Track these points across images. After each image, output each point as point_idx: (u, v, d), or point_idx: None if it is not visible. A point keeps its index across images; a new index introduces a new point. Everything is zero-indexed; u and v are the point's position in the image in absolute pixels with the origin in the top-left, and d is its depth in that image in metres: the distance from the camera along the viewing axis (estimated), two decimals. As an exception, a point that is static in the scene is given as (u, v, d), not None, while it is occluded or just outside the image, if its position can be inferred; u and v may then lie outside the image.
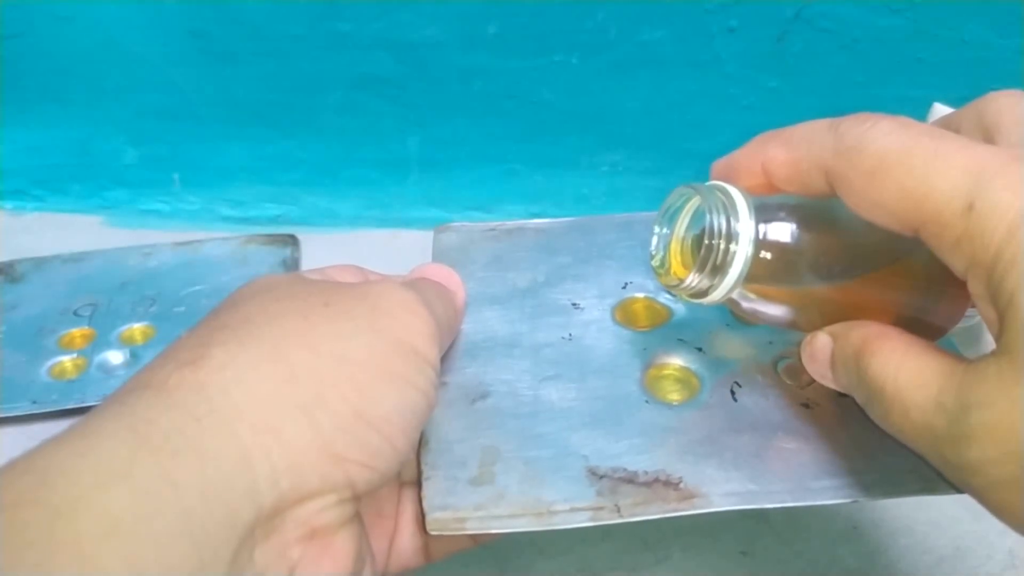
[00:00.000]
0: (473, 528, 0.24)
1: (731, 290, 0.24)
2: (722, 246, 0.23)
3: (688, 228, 0.26)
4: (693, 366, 0.30)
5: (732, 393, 0.28)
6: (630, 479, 0.25)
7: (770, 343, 0.30)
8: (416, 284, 0.27)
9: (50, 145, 0.52)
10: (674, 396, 0.28)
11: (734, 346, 0.30)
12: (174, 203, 0.54)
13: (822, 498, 0.24)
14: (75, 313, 0.44)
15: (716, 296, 0.24)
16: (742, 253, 0.23)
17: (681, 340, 0.30)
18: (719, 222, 0.23)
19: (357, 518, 0.22)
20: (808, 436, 0.26)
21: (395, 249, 0.53)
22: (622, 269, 0.34)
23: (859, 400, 0.23)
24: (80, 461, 0.18)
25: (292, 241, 0.50)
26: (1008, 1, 0.43)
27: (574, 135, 0.50)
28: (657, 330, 0.31)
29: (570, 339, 0.31)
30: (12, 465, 0.18)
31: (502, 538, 0.27)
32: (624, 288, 0.33)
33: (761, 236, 0.23)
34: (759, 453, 0.26)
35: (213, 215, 0.54)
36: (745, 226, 0.23)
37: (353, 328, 0.23)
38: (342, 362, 0.22)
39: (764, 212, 0.23)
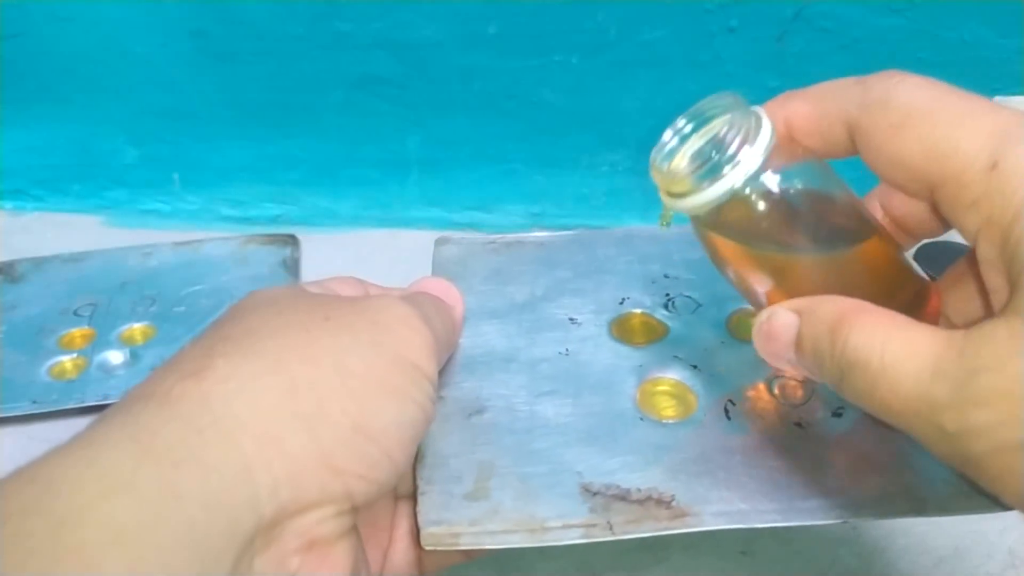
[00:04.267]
0: (467, 544, 0.24)
1: (706, 205, 0.23)
2: (722, 159, 0.23)
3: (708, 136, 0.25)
4: (688, 383, 0.30)
5: (726, 411, 0.28)
6: (623, 496, 0.25)
7: (761, 362, 0.30)
8: (415, 298, 0.27)
9: (50, 145, 0.52)
10: (668, 413, 0.29)
11: (729, 364, 0.30)
12: (174, 203, 0.54)
13: (812, 518, 0.24)
14: (75, 313, 0.44)
15: (692, 202, 0.24)
16: (739, 174, 0.22)
17: (676, 357, 0.30)
18: (733, 139, 0.23)
19: (355, 530, 0.22)
20: (800, 455, 0.26)
21: (395, 249, 0.53)
22: (620, 284, 0.34)
23: (829, 378, 0.22)
24: (84, 471, 0.18)
25: (292, 241, 0.50)
26: (1008, 1, 0.43)
27: (574, 135, 0.50)
28: (653, 346, 0.31)
29: (567, 354, 0.31)
30: (17, 474, 0.18)
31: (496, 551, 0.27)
32: (621, 303, 0.33)
33: (761, 173, 0.23)
34: (751, 472, 0.26)
35: (213, 215, 0.54)
36: (752, 156, 0.22)
37: (353, 342, 0.23)
38: (342, 375, 0.22)
39: (776, 161, 0.23)
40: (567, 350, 0.31)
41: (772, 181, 0.23)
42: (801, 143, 0.24)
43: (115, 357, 0.42)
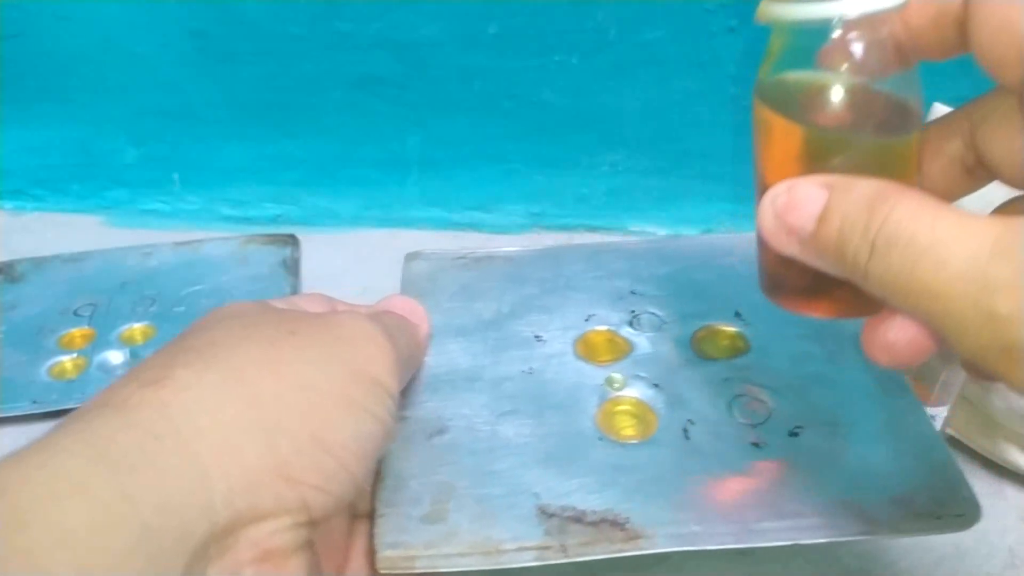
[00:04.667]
0: (422, 567, 0.24)
1: (786, 18, 0.23)
2: None
3: None
4: (649, 402, 0.30)
5: (685, 431, 0.28)
6: (578, 518, 0.25)
7: (726, 380, 0.30)
8: (380, 317, 0.28)
9: (50, 145, 0.52)
10: (628, 432, 0.29)
11: (691, 383, 0.30)
12: (174, 203, 0.54)
13: (764, 540, 0.25)
14: (75, 313, 0.44)
15: (776, 10, 0.23)
16: (832, 9, 0.22)
17: (639, 376, 0.30)
18: None
19: (311, 545, 0.22)
20: (756, 476, 0.27)
21: (395, 249, 0.52)
22: (587, 301, 0.34)
23: (851, 259, 0.20)
24: (34, 474, 0.18)
25: (292, 241, 0.50)
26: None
27: (574, 135, 0.50)
28: (617, 364, 0.31)
29: (531, 373, 0.31)
30: None
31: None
32: (587, 320, 0.33)
33: (853, 29, 0.22)
34: (707, 493, 0.26)
35: (213, 215, 0.54)
36: (857, 5, 0.22)
37: (317, 356, 0.23)
38: (304, 388, 0.22)
39: (876, 36, 0.22)
40: (531, 368, 0.31)
41: (857, 46, 0.22)
42: (912, 28, 0.23)
43: (115, 357, 0.42)
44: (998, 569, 0.35)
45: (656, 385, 0.30)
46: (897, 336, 0.21)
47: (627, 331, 0.32)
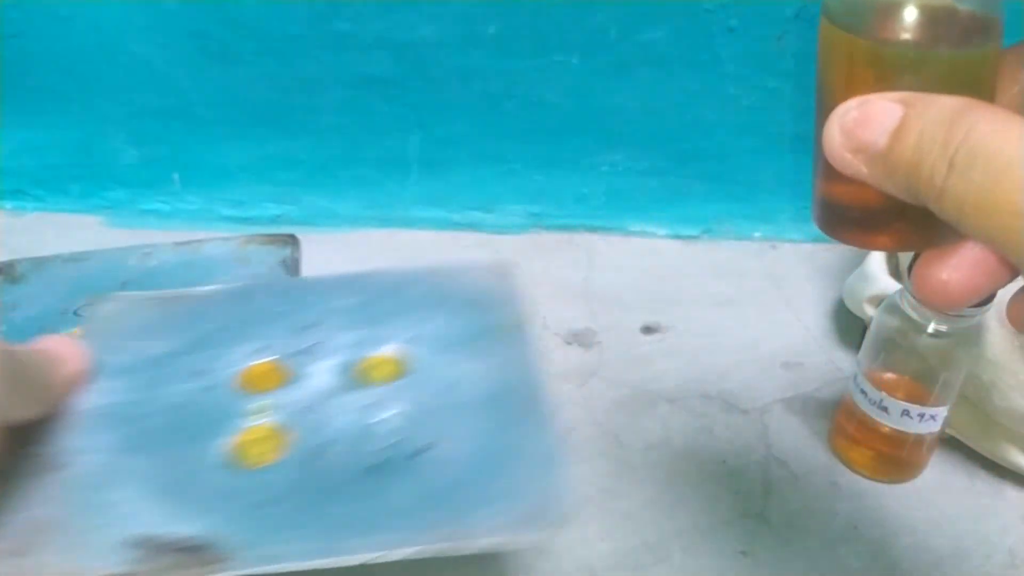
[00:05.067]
0: None
1: None
2: None
3: None
4: (289, 429, 0.30)
5: (314, 456, 0.28)
6: (166, 546, 0.25)
7: (373, 405, 0.30)
8: (12, 347, 0.27)
9: (50, 145, 0.52)
10: (260, 459, 0.29)
11: (339, 410, 0.30)
12: (174, 203, 0.54)
13: (347, 554, 0.25)
14: (75, 313, 0.44)
15: None
16: None
17: (287, 404, 0.30)
18: None
19: None
20: (374, 493, 0.27)
21: (394, 249, 0.53)
22: (264, 335, 0.33)
23: (927, 175, 0.19)
24: None
25: (292, 241, 0.50)
26: (1008, 1, 0.43)
27: (574, 135, 0.50)
28: (272, 393, 0.31)
29: (179, 407, 0.31)
30: None
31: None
32: (256, 353, 0.33)
33: None
34: (316, 512, 0.26)
35: (213, 215, 0.54)
36: None
37: None
38: None
39: None
40: (182, 403, 0.31)
41: None
42: None
43: (115, 357, 0.42)
44: (998, 569, 0.35)
45: (301, 412, 0.30)
46: (951, 275, 0.21)
47: (295, 361, 0.32)
